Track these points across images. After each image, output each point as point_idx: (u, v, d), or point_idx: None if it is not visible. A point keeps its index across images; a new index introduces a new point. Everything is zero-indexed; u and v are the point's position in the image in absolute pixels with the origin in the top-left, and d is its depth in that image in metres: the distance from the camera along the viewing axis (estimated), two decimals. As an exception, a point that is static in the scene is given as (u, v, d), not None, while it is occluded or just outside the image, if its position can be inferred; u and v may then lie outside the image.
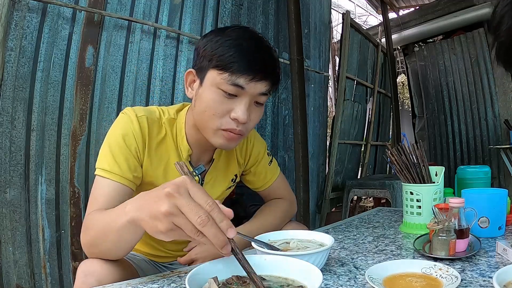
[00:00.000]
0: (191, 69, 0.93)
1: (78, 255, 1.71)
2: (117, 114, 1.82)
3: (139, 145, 0.90)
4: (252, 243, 0.77)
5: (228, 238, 0.56)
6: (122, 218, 0.66)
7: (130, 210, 0.64)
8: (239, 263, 0.58)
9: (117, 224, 0.67)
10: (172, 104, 2.07)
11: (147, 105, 1.98)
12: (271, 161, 1.18)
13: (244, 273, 0.59)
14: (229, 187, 1.12)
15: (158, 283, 0.70)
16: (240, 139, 0.92)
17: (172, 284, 0.69)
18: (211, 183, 1.05)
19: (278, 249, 0.77)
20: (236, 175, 1.12)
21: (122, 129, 0.89)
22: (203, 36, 0.94)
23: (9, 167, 1.51)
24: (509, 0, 0.54)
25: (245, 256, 0.58)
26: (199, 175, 1.00)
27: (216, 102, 0.85)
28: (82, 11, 1.69)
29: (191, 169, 0.98)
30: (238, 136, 0.89)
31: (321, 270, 0.57)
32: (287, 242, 0.83)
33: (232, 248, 0.57)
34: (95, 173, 0.87)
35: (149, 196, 0.61)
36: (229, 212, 0.58)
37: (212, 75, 0.86)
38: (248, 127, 0.91)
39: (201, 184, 1.02)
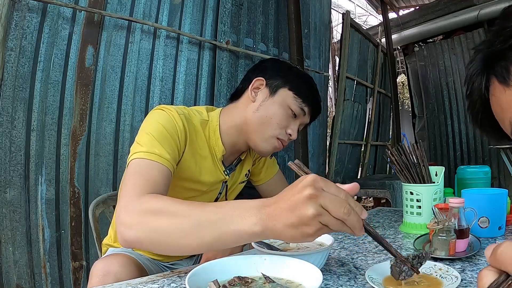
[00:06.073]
0: (262, 78, 1.07)
1: (78, 255, 1.71)
2: (117, 114, 1.85)
3: (181, 140, 0.93)
4: (252, 243, 0.77)
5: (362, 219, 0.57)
6: (238, 226, 0.59)
7: (258, 222, 0.58)
8: (374, 239, 0.63)
9: (228, 228, 0.60)
10: (172, 104, 2.08)
11: (147, 105, 1.98)
12: (271, 156, 1.27)
13: (244, 274, 0.59)
14: (243, 182, 1.21)
15: (158, 283, 0.70)
16: (278, 150, 1.10)
17: (172, 284, 0.69)
18: (233, 180, 1.15)
19: (278, 249, 0.77)
20: (249, 170, 1.21)
21: (165, 123, 0.91)
22: (269, 59, 1.24)
23: (9, 167, 1.51)
24: (480, 59, 0.54)
25: (245, 253, 0.58)
26: (229, 174, 1.11)
27: (283, 115, 1.05)
28: (82, 11, 1.69)
29: (223, 168, 1.08)
30: (281, 147, 1.09)
31: (321, 270, 0.57)
32: (287, 242, 0.83)
33: (365, 227, 0.58)
34: (138, 156, 0.82)
35: (280, 204, 0.57)
36: (356, 186, 0.60)
37: (286, 94, 1.06)
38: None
39: (226, 181, 1.11)
